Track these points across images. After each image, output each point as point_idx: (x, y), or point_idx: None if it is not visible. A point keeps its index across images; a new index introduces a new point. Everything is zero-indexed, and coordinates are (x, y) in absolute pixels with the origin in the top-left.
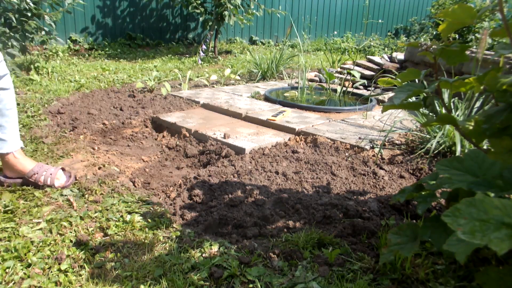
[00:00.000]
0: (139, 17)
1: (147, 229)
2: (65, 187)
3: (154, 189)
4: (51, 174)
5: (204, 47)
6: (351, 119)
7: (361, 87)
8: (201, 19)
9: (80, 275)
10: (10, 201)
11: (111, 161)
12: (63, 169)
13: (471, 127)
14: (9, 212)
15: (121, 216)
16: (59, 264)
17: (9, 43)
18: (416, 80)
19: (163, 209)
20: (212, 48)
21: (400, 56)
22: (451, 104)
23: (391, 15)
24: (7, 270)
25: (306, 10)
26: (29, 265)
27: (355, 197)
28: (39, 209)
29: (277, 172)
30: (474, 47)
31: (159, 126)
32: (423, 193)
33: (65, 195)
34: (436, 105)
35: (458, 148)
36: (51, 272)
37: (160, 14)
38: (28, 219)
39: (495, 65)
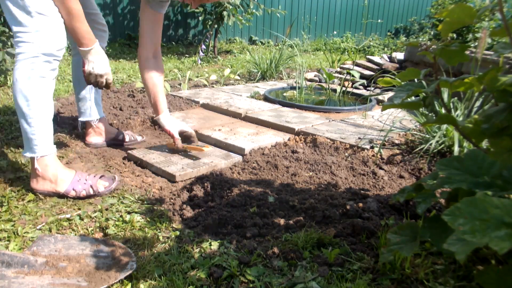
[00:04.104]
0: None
1: (146, 229)
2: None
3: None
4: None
5: (203, 47)
6: (350, 119)
7: (361, 87)
8: (200, 18)
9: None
10: (9, 200)
11: None
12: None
13: (470, 127)
14: (8, 212)
15: (121, 216)
16: None
17: (9, 43)
18: (416, 79)
19: (162, 209)
20: (212, 48)
21: (400, 56)
22: (451, 104)
23: (391, 15)
24: None
25: (306, 10)
26: None
27: (354, 197)
28: (38, 209)
29: (276, 172)
30: (472, 45)
31: (158, 126)
32: (422, 193)
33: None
34: (436, 105)
35: (456, 148)
36: None
37: None
38: (27, 218)
39: (494, 65)
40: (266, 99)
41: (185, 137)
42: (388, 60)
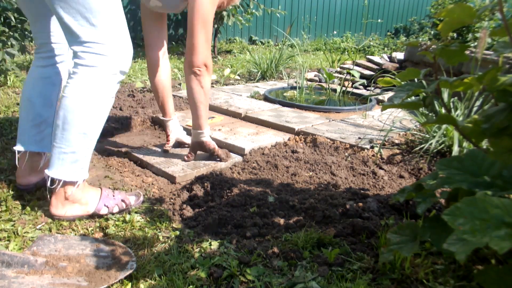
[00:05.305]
0: (140, 15)
1: (146, 229)
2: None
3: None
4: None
5: None
6: (350, 119)
7: (361, 87)
8: None
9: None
10: (8, 200)
11: None
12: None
13: (470, 127)
14: (8, 212)
15: (121, 216)
16: None
17: (9, 43)
18: (416, 79)
19: (162, 208)
20: (212, 48)
21: (400, 56)
22: (451, 104)
23: (391, 15)
24: None
25: (306, 10)
26: None
27: (354, 197)
28: (38, 209)
29: (276, 172)
30: (472, 45)
31: (159, 125)
32: (422, 192)
33: None
34: (436, 104)
35: (456, 148)
36: None
37: None
38: (27, 218)
39: (494, 64)
40: (266, 99)
41: (180, 144)
42: (388, 60)
